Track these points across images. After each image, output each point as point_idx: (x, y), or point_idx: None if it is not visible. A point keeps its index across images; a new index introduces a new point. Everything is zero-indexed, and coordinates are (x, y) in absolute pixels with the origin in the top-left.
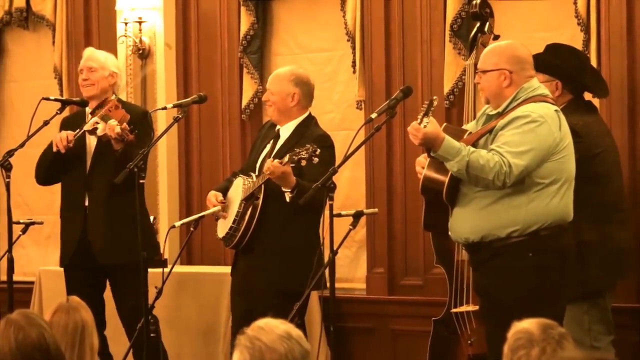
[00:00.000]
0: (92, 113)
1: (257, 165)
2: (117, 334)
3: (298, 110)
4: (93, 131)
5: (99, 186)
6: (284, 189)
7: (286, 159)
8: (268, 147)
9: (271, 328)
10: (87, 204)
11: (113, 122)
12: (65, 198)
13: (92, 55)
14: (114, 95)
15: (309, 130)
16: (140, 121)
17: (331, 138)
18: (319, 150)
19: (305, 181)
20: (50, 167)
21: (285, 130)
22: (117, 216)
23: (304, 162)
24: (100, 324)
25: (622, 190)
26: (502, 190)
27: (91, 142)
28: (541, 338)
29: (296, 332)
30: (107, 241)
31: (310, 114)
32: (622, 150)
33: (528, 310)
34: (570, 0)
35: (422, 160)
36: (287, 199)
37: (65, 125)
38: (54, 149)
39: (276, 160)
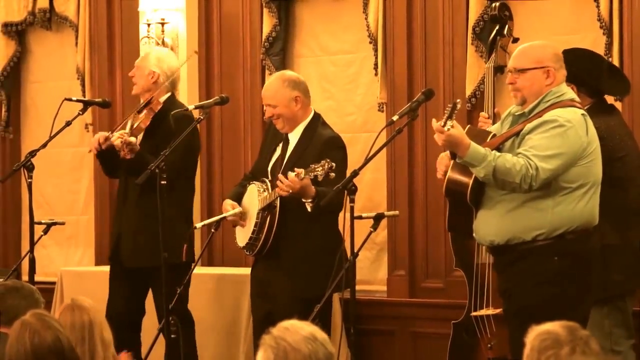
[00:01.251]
0: (139, 110)
1: (269, 169)
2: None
3: (303, 112)
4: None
5: (134, 188)
6: (304, 200)
7: (302, 174)
8: (278, 150)
9: (296, 329)
10: (125, 204)
11: (116, 135)
12: (117, 194)
13: (146, 54)
14: (167, 95)
15: (317, 133)
16: (180, 123)
17: (341, 138)
18: (334, 165)
19: (323, 187)
20: (102, 165)
21: (294, 134)
22: (146, 218)
23: (320, 178)
24: (135, 320)
25: None
26: (528, 194)
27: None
28: (569, 339)
29: (321, 334)
30: (134, 244)
31: (315, 112)
32: None
33: (552, 314)
34: (593, 3)
35: (445, 158)
36: (309, 209)
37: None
38: (89, 151)
39: (292, 175)
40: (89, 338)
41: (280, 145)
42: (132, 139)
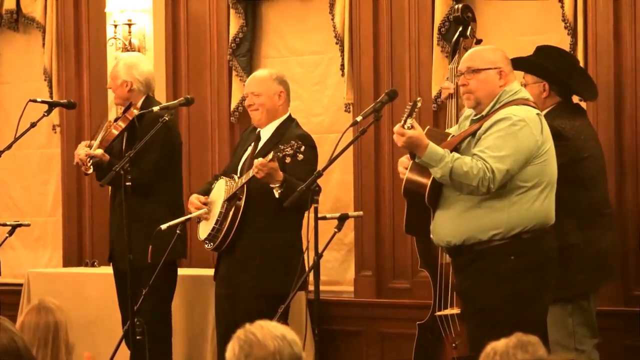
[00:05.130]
0: (116, 119)
1: (239, 168)
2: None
3: (283, 109)
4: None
5: (126, 190)
6: (271, 185)
7: (270, 156)
8: (249, 149)
9: (269, 328)
10: (114, 206)
11: (80, 148)
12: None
13: (120, 63)
14: (143, 98)
15: (289, 130)
16: (151, 126)
17: (312, 138)
18: (303, 147)
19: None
20: (99, 175)
21: (266, 132)
22: (128, 221)
23: (288, 159)
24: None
25: (607, 196)
26: None
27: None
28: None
29: (292, 336)
30: (119, 246)
31: (290, 114)
32: (608, 153)
33: (510, 313)
34: (558, 3)
35: (405, 160)
36: (277, 195)
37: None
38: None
39: (260, 158)
40: (53, 340)
41: (252, 145)
42: (97, 152)
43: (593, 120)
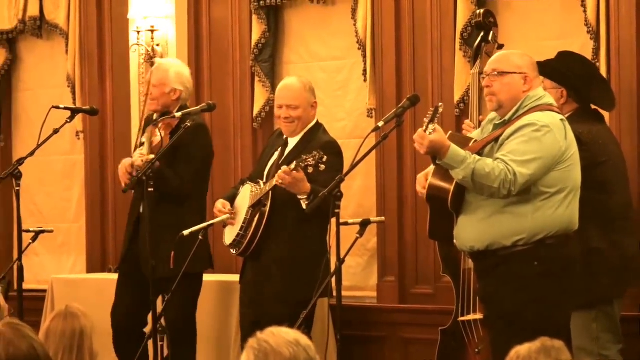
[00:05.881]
0: (154, 123)
1: (265, 173)
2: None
3: (313, 118)
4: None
5: (150, 196)
6: (299, 196)
7: (293, 166)
8: (276, 154)
9: (281, 334)
10: (141, 212)
11: (136, 156)
12: (131, 203)
13: (156, 68)
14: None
15: (316, 137)
16: (193, 134)
17: (339, 145)
18: (325, 157)
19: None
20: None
21: (293, 138)
22: (159, 228)
23: (310, 170)
24: (139, 329)
25: (629, 200)
26: (508, 199)
27: None
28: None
29: (306, 341)
30: (148, 253)
31: (318, 120)
32: (631, 159)
33: (533, 319)
34: (580, 8)
35: (422, 179)
36: (304, 206)
37: (147, 123)
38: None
39: (284, 167)
40: (78, 347)
41: (279, 149)
42: (152, 157)
43: (616, 126)
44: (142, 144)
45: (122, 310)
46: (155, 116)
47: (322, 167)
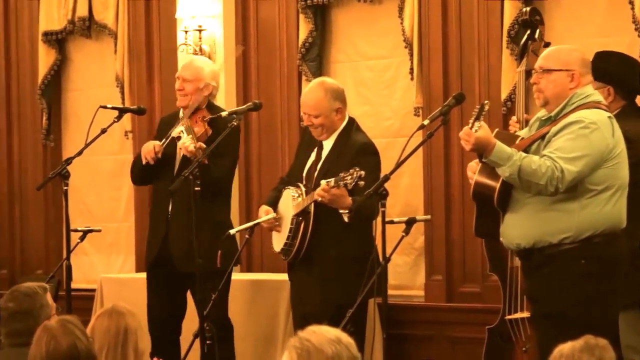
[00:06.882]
0: (190, 117)
1: (304, 174)
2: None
3: (341, 120)
4: (179, 139)
5: (182, 193)
6: (340, 211)
7: (332, 183)
8: (313, 155)
9: (322, 332)
10: (170, 209)
11: (187, 140)
12: (154, 202)
13: (189, 64)
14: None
15: (351, 138)
16: (220, 127)
17: (374, 144)
18: (363, 174)
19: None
20: (142, 172)
21: (329, 140)
22: (197, 224)
23: (350, 187)
24: (175, 329)
25: None
26: (555, 197)
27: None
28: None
29: (347, 338)
30: (186, 249)
31: (349, 118)
32: None
33: (579, 317)
34: (628, 5)
35: (474, 165)
36: (346, 219)
37: (161, 124)
38: (143, 161)
39: (322, 184)
40: (122, 345)
41: (315, 150)
42: (203, 145)
43: None
44: (178, 137)
45: (161, 314)
46: (181, 112)
47: (361, 183)
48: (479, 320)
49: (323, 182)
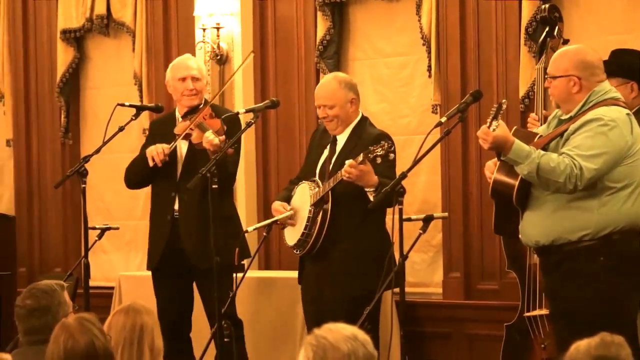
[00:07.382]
0: (184, 117)
1: (317, 170)
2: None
3: (354, 113)
4: (187, 136)
5: (189, 191)
6: (366, 189)
7: (360, 158)
8: (326, 152)
9: (338, 329)
10: (176, 209)
11: (210, 135)
12: (155, 203)
13: (192, 63)
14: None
15: (366, 131)
16: (233, 125)
17: (391, 136)
18: (393, 147)
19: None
20: (142, 175)
21: (342, 135)
22: (207, 221)
23: (379, 160)
24: (186, 327)
25: None
26: (574, 194)
27: (182, 147)
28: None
29: (363, 335)
30: (199, 245)
31: (362, 114)
32: None
33: (598, 314)
34: None
35: (491, 165)
36: (371, 199)
37: (154, 126)
38: (150, 164)
39: (349, 161)
40: (138, 342)
41: (329, 146)
42: (223, 138)
43: None
44: (186, 136)
45: (172, 315)
46: (177, 113)
47: (392, 155)
48: (497, 318)
49: (348, 161)
